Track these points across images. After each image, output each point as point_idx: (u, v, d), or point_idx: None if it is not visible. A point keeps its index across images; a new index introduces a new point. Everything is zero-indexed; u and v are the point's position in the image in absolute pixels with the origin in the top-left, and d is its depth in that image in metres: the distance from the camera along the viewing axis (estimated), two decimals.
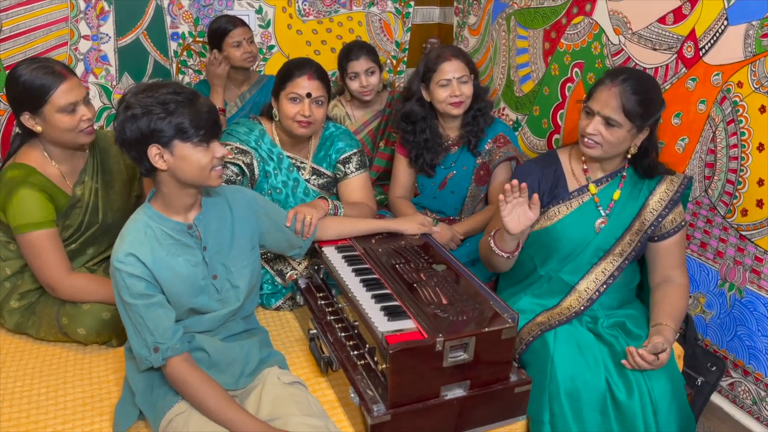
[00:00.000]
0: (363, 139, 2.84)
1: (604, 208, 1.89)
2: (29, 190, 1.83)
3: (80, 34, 2.90)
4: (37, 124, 1.85)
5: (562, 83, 2.60)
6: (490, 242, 1.84)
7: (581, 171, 1.93)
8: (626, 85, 1.72)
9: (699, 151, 2.03)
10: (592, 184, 1.90)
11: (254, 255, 1.73)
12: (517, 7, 2.84)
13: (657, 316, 1.79)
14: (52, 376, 1.79)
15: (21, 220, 1.82)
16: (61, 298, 1.89)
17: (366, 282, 1.77)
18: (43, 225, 1.84)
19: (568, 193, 1.92)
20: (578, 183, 1.93)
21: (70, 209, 1.94)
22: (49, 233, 1.85)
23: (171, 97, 1.44)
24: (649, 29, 2.14)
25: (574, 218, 1.90)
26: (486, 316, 1.60)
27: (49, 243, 1.85)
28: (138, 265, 1.48)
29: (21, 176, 1.85)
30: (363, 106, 2.83)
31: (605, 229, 1.88)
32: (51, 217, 1.86)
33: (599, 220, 1.89)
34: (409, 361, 1.48)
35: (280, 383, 1.59)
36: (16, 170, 1.86)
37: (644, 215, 1.85)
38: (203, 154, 1.49)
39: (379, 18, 3.43)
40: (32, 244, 1.84)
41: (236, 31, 2.77)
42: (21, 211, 1.82)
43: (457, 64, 2.23)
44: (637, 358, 1.64)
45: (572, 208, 1.91)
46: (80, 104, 1.86)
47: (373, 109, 2.85)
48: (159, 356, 1.48)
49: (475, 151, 2.36)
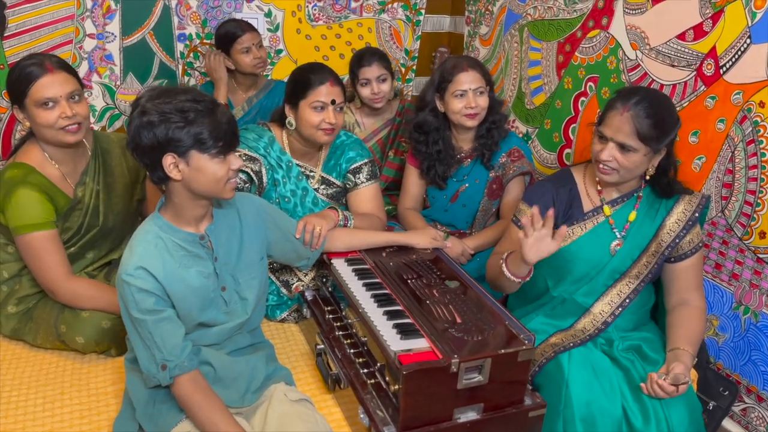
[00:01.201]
0: (372, 148, 2.79)
1: (619, 229, 1.84)
2: (28, 191, 1.78)
3: (86, 33, 2.85)
4: (26, 119, 1.81)
5: (575, 97, 2.57)
6: (502, 266, 1.79)
7: (595, 192, 1.89)
8: (639, 108, 1.66)
9: (716, 170, 1.99)
10: (607, 206, 1.85)
11: (262, 266, 1.68)
12: (530, 19, 2.81)
13: (674, 340, 1.74)
14: (48, 386, 1.73)
15: (20, 221, 1.77)
16: (61, 302, 1.83)
17: (377, 297, 1.71)
18: (43, 226, 1.79)
19: (582, 213, 1.87)
20: (593, 204, 1.88)
21: (70, 211, 1.89)
22: (48, 234, 1.80)
23: (190, 105, 1.38)
24: (668, 45, 2.11)
25: (589, 240, 1.85)
26: (502, 337, 1.55)
27: (49, 244, 1.79)
28: (149, 279, 1.43)
29: (20, 176, 1.79)
30: (373, 114, 2.79)
31: (621, 251, 1.83)
32: (51, 218, 1.81)
33: (615, 242, 1.84)
34: (422, 382, 1.43)
35: (287, 400, 1.54)
36: (15, 170, 1.81)
37: (661, 236, 1.80)
38: (220, 166, 1.43)
39: (389, 25, 3.39)
40: (31, 246, 1.79)
41: (245, 37, 2.72)
42: (20, 212, 1.77)
43: (474, 75, 2.19)
44: (656, 387, 1.59)
45: (587, 230, 1.86)
46: (61, 101, 1.79)
47: (383, 117, 2.81)
48: (167, 374, 1.42)
49: (489, 165, 2.31)
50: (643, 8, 2.20)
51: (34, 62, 1.78)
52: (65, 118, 1.79)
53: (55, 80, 1.78)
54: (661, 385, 1.58)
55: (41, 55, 1.84)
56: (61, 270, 1.81)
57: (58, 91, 1.78)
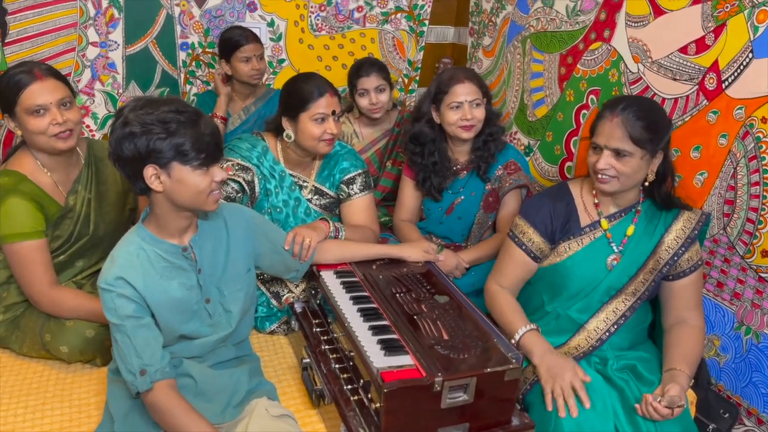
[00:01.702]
0: (370, 158, 2.77)
1: (617, 244, 1.81)
2: (18, 199, 1.77)
3: (88, 41, 2.86)
4: (17, 128, 1.80)
5: (577, 110, 2.53)
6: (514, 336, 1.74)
7: (593, 205, 1.85)
8: (627, 112, 1.66)
9: (718, 186, 1.94)
10: (604, 220, 1.82)
11: (249, 278, 1.66)
12: (533, 30, 2.78)
13: (671, 360, 1.69)
14: (31, 396, 1.72)
15: (8, 229, 1.76)
16: (44, 311, 1.83)
17: (364, 311, 1.68)
18: (32, 236, 1.78)
19: (579, 228, 1.84)
20: (590, 218, 1.85)
21: (60, 219, 1.88)
22: (37, 244, 1.79)
23: (172, 116, 1.37)
24: (670, 59, 2.07)
25: (585, 255, 1.81)
26: (489, 355, 1.51)
27: (37, 254, 1.79)
28: (128, 288, 1.42)
29: (10, 184, 1.79)
30: (371, 124, 2.77)
31: (618, 267, 1.79)
32: (40, 228, 1.80)
33: (611, 256, 1.80)
34: (404, 400, 1.40)
35: (268, 415, 1.50)
36: (5, 178, 1.81)
37: (659, 253, 1.76)
38: (202, 178, 1.42)
39: (393, 36, 3.38)
40: (20, 255, 1.78)
41: (248, 47, 2.73)
42: (9, 221, 1.76)
43: (470, 87, 2.16)
44: (651, 409, 1.54)
45: (583, 245, 1.82)
46: (52, 107, 1.78)
47: (382, 127, 2.79)
48: (147, 379, 1.40)
49: (485, 177, 2.28)
50: (645, 21, 2.16)
51: (22, 70, 1.78)
52: (56, 124, 1.79)
53: (44, 87, 1.77)
54: (655, 408, 1.54)
55: (30, 63, 1.84)
56: (46, 279, 1.80)
57: (48, 98, 1.78)
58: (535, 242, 1.84)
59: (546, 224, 1.82)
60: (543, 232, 1.84)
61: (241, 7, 3.05)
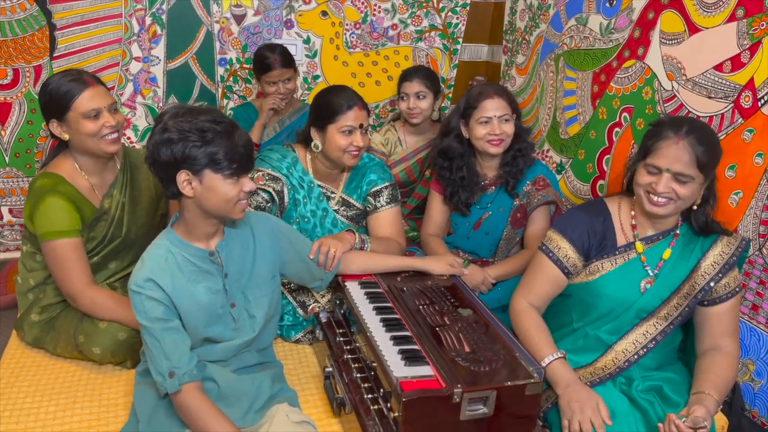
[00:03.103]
0: (411, 166, 2.82)
1: (652, 267, 1.76)
2: (56, 199, 1.84)
3: (132, 56, 2.97)
4: (64, 132, 1.88)
5: (610, 128, 2.51)
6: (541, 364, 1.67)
7: (630, 226, 1.81)
8: (692, 137, 1.61)
9: (754, 207, 1.90)
10: (639, 242, 1.77)
11: (274, 284, 1.69)
12: (566, 48, 2.78)
13: (700, 384, 1.64)
14: (62, 395, 1.77)
15: (47, 227, 1.83)
16: (80, 309, 1.88)
17: (386, 322, 1.69)
18: (69, 234, 1.84)
19: (615, 247, 1.79)
20: (626, 239, 1.80)
21: (95, 221, 1.95)
22: (73, 242, 1.85)
23: (209, 125, 1.42)
24: (705, 76, 2.04)
25: (618, 276, 1.77)
26: (510, 369, 1.50)
27: (73, 252, 1.85)
28: (157, 290, 1.46)
29: (49, 185, 1.86)
30: (416, 132, 2.84)
31: (651, 290, 1.74)
32: (76, 227, 1.87)
33: (646, 279, 1.75)
34: (423, 410, 1.39)
35: (289, 421, 1.52)
36: (45, 179, 1.88)
37: (695, 278, 1.71)
38: (231, 187, 1.46)
39: (426, 53, 3.41)
40: (56, 253, 1.84)
41: (275, 73, 2.79)
42: (47, 219, 1.83)
43: (499, 102, 2.17)
44: (673, 428, 1.50)
45: (616, 265, 1.78)
46: (104, 111, 1.89)
47: (426, 137, 2.84)
48: (175, 381, 1.44)
49: (513, 193, 2.27)
50: (680, 39, 2.14)
51: (72, 78, 1.87)
52: (109, 126, 1.89)
53: (97, 93, 1.88)
54: (678, 426, 1.49)
55: (74, 71, 1.92)
56: (84, 278, 1.86)
57: (101, 102, 1.88)
58: (570, 258, 1.80)
59: (583, 240, 1.78)
60: (579, 249, 1.79)
61: (279, 24, 3.12)
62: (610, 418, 1.56)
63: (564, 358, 1.71)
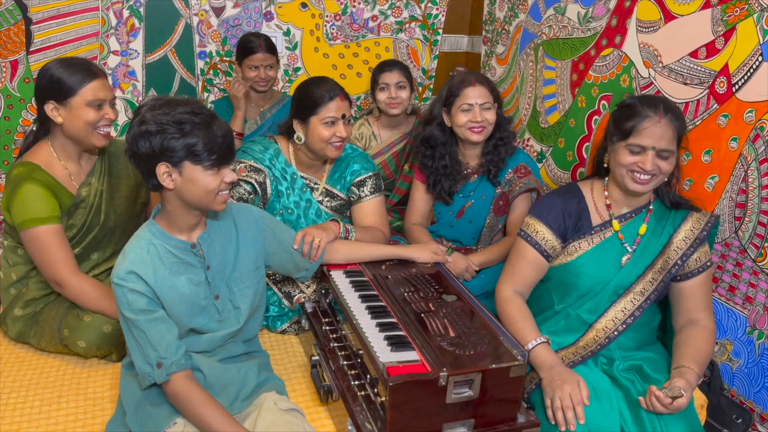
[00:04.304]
0: (387, 160, 2.82)
1: (630, 244, 1.81)
2: (33, 186, 1.82)
3: (110, 49, 2.94)
4: (59, 116, 1.86)
5: (589, 116, 2.54)
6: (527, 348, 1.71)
7: (604, 206, 1.86)
8: (670, 114, 1.69)
9: (729, 190, 1.94)
10: (615, 221, 1.82)
11: (258, 276, 1.69)
12: (545, 38, 2.80)
13: (679, 358, 1.69)
14: (47, 389, 1.76)
15: (25, 215, 1.81)
16: (68, 296, 1.86)
17: (372, 309, 1.70)
18: (48, 220, 1.82)
19: (590, 227, 1.84)
20: (601, 218, 1.85)
21: (74, 208, 1.93)
22: (54, 229, 1.83)
23: (187, 117, 1.41)
24: (681, 63, 2.07)
25: (595, 255, 1.82)
26: (494, 352, 1.52)
27: (55, 239, 1.83)
28: (139, 282, 1.46)
29: (25, 173, 1.84)
30: (390, 126, 2.84)
31: (628, 266, 1.79)
32: (56, 213, 1.85)
33: (626, 256, 1.80)
34: (409, 394, 1.41)
35: (277, 409, 1.53)
36: (21, 168, 1.86)
37: (668, 253, 1.76)
38: (212, 179, 1.46)
39: (407, 44, 3.42)
40: (38, 240, 1.82)
41: (257, 56, 2.79)
42: (25, 207, 1.81)
43: (481, 90, 2.19)
44: (654, 399, 1.54)
45: (593, 244, 1.83)
46: (106, 104, 1.90)
47: (400, 130, 2.84)
48: (163, 371, 1.44)
49: (495, 181, 2.30)
50: (656, 26, 2.17)
51: (83, 66, 1.86)
52: (107, 119, 1.91)
53: (105, 85, 1.90)
54: (658, 397, 1.53)
55: (86, 60, 1.93)
56: (69, 264, 1.84)
57: (108, 94, 1.90)
58: (548, 240, 1.84)
59: (558, 222, 1.83)
60: (556, 230, 1.83)
61: (258, 16, 3.11)
62: (589, 398, 1.60)
63: (547, 343, 1.74)
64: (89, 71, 1.86)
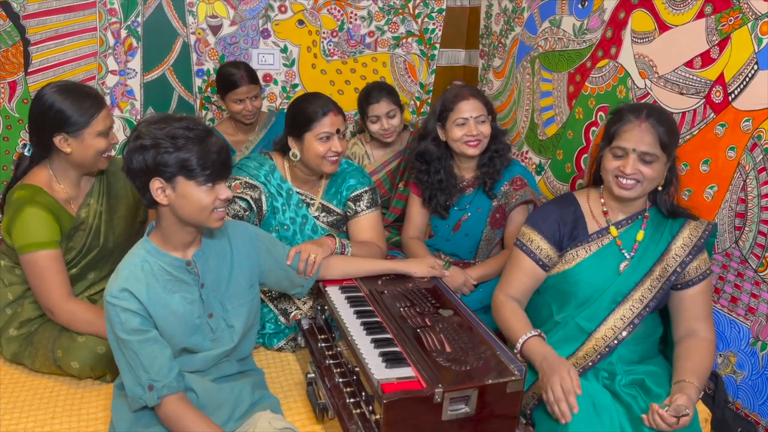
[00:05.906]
0: (381, 179, 2.80)
1: (628, 250, 1.80)
2: (36, 209, 1.82)
3: (108, 69, 2.95)
4: (68, 146, 1.86)
5: (587, 127, 2.53)
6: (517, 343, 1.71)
7: (601, 213, 1.86)
8: (652, 119, 1.70)
9: (729, 200, 1.92)
10: (613, 227, 1.82)
11: (252, 294, 1.67)
12: (541, 50, 2.80)
13: (680, 372, 1.66)
14: (41, 411, 1.74)
15: (26, 239, 1.81)
16: (59, 322, 1.86)
17: (367, 325, 1.68)
18: (48, 245, 1.82)
19: (587, 235, 1.84)
20: (598, 225, 1.85)
21: (73, 231, 1.93)
22: (53, 254, 1.83)
23: (182, 131, 1.41)
24: (676, 73, 2.07)
25: (593, 262, 1.81)
26: (491, 367, 1.50)
27: (53, 264, 1.83)
28: (132, 301, 1.44)
29: (27, 196, 1.84)
30: (383, 146, 2.81)
31: (626, 272, 1.78)
32: (56, 238, 1.85)
33: (624, 263, 1.79)
34: (404, 412, 1.39)
35: (271, 428, 1.50)
36: (23, 191, 1.86)
37: (667, 260, 1.75)
38: (206, 195, 1.44)
39: (404, 59, 3.42)
40: (37, 265, 1.82)
41: (241, 90, 2.74)
42: (26, 231, 1.81)
43: (475, 104, 2.19)
44: (657, 418, 1.51)
45: (591, 252, 1.82)
46: (111, 130, 1.94)
47: (393, 149, 2.82)
48: (154, 395, 1.42)
49: (491, 193, 2.29)
50: (651, 37, 2.17)
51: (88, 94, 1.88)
52: (112, 144, 1.95)
53: (109, 112, 1.93)
54: (662, 416, 1.51)
55: (80, 85, 1.95)
56: (63, 290, 1.83)
57: (112, 120, 1.94)
58: (543, 249, 1.84)
59: (553, 231, 1.82)
60: (551, 239, 1.83)
61: (255, 34, 3.13)
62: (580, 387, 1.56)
63: (539, 336, 1.72)
64: (96, 101, 1.88)
